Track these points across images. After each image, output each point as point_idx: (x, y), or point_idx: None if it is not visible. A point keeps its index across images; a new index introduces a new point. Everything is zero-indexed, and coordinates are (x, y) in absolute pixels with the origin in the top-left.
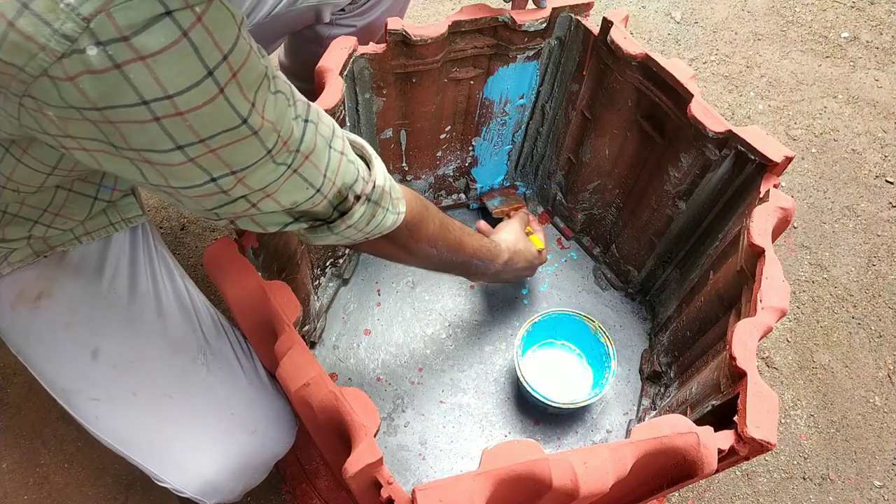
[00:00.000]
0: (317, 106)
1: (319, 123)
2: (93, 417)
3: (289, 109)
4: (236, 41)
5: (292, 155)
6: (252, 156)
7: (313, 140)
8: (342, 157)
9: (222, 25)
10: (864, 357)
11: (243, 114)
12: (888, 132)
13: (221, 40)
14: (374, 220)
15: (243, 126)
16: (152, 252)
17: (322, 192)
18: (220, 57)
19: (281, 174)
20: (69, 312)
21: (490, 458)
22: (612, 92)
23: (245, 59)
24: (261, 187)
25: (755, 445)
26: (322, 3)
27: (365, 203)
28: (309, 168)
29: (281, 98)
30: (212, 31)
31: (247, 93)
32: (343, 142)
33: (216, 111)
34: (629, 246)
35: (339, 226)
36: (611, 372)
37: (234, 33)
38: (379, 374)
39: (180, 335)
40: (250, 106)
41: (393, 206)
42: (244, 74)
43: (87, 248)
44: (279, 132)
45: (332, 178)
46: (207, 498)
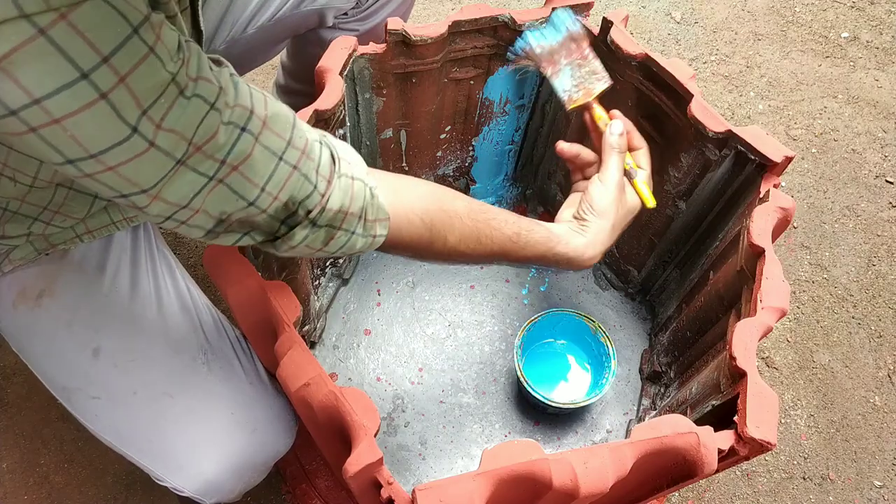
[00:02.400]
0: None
1: (264, 133)
2: (93, 416)
3: (211, 115)
4: (123, 43)
5: (216, 164)
6: (155, 170)
7: (247, 150)
8: (293, 171)
9: (99, 24)
10: (864, 357)
11: (131, 121)
12: (888, 132)
13: (98, 40)
14: (335, 241)
15: (135, 136)
16: (154, 251)
17: (258, 206)
18: (98, 59)
19: (203, 185)
20: (70, 311)
21: (490, 458)
22: (612, 92)
23: (138, 62)
24: (182, 203)
25: (755, 445)
26: (326, 7)
27: (308, 227)
28: (238, 179)
29: (196, 103)
30: (82, 31)
31: (141, 100)
32: (302, 155)
33: (98, 119)
34: (629, 246)
35: (280, 245)
36: (611, 372)
37: (122, 34)
38: (379, 374)
39: (181, 334)
40: (140, 113)
41: (364, 230)
42: (138, 80)
43: (88, 247)
44: (190, 140)
45: (273, 192)
46: (207, 497)
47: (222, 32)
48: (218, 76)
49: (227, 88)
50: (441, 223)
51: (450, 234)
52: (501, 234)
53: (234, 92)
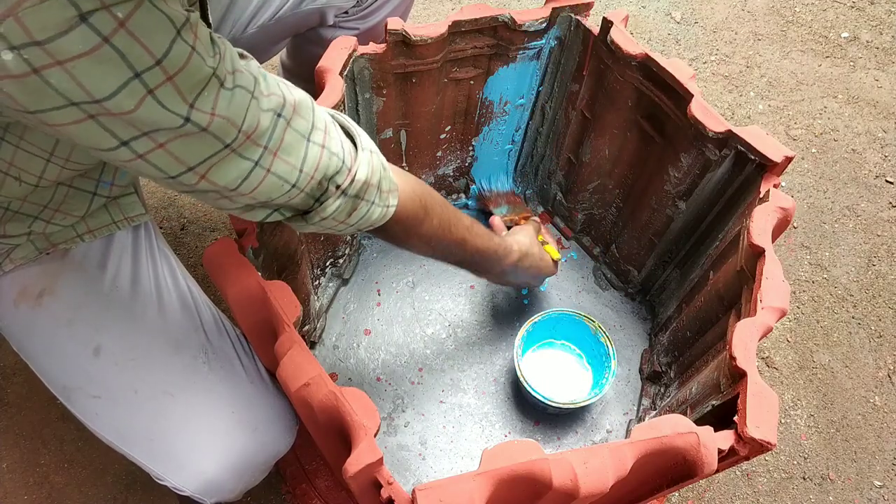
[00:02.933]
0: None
1: (294, 118)
2: (93, 415)
3: (253, 103)
4: (171, 45)
5: (260, 150)
6: (206, 150)
7: (281, 135)
8: (322, 149)
9: (152, 30)
10: (864, 357)
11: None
12: (888, 132)
13: (152, 45)
14: (357, 213)
15: (188, 124)
16: (154, 251)
17: (298, 187)
18: (152, 61)
19: (249, 170)
20: (71, 310)
21: (490, 458)
22: (612, 92)
23: (185, 62)
24: (230, 186)
25: (755, 445)
26: (326, 6)
27: (341, 197)
28: (280, 164)
29: (240, 93)
30: (139, 37)
31: (186, 95)
32: (325, 134)
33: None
34: (629, 246)
35: (313, 217)
36: (611, 372)
37: (170, 37)
38: (379, 374)
39: (182, 333)
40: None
41: (381, 199)
42: (183, 78)
43: (89, 246)
44: (239, 126)
45: (309, 172)
46: (207, 496)
47: (223, 32)
48: (249, 67)
49: (259, 78)
50: (431, 205)
51: (434, 216)
52: (461, 223)
53: (265, 81)
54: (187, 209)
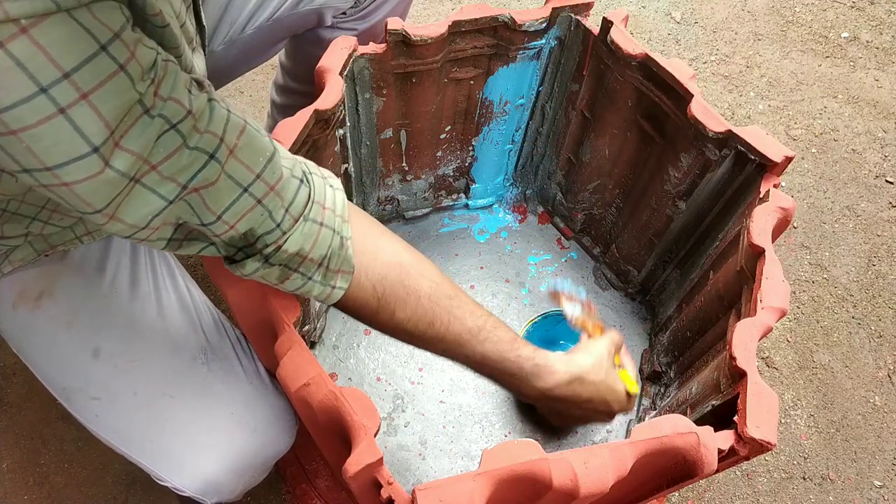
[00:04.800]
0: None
1: (230, 162)
2: (93, 416)
3: (170, 136)
4: (87, 60)
5: (178, 188)
6: (112, 189)
7: (212, 178)
8: (257, 205)
9: (63, 41)
10: (864, 357)
11: (94, 141)
12: (888, 132)
13: (60, 56)
14: (290, 282)
15: (94, 155)
16: (153, 252)
17: (211, 230)
18: (59, 74)
19: (163, 208)
20: (70, 312)
21: (490, 458)
22: (612, 92)
23: (104, 80)
24: (141, 224)
25: (755, 445)
26: (324, 7)
27: (260, 261)
28: (196, 200)
29: (158, 122)
30: (44, 46)
31: (108, 118)
32: (269, 190)
33: (56, 134)
34: (629, 246)
35: (234, 269)
36: None
37: (87, 51)
38: (379, 374)
39: (181, 334)
40: (108, 133)
41: (324, 278)
42: (102, 97)
43: (88, 248)
44: (146, 158)
45: (229, 221)
46: (207, 497)
47: (220, 33)
48: (193, 99)
49: (199, 113)
50: (393, 297)
51: (399, 309)
52: (461, 324)
53: (209, 117)
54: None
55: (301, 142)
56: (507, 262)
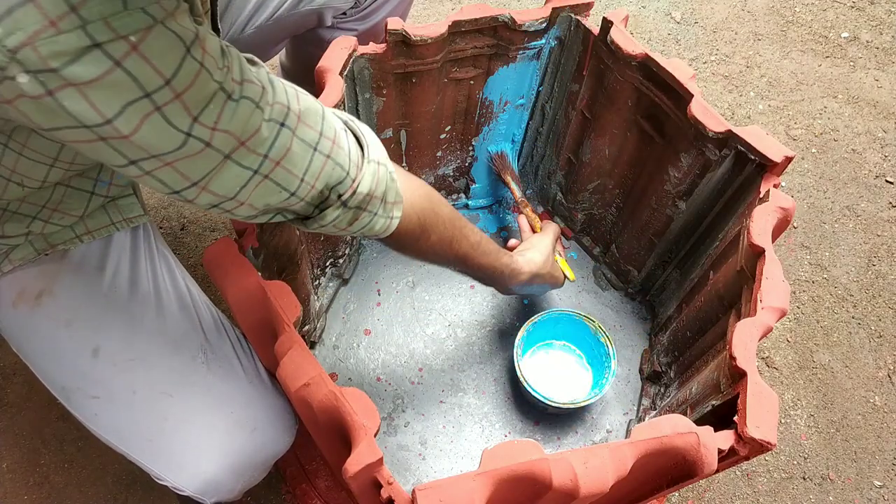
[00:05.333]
0: (306, 106)
1: (300, 127)
2: (92, 415)
3: (255, 113)
4: (180, 65)
5: (259, 159)
6: (209, 165)
7: (286, 144)
8: (327, 160)
9: (163, 52)
10: (864, 357)
11: (185, 129)
12: (888, 132)
13: (163, 66)
14: (359, 222)
15: (191, 140)
16: (153, 251)
17: (298, 196)
18: (162, 82)
19: (248, 179)
20: (70, 311)
21: (490, 458)
22: (612, 92)
23: (192, 80)
24: (229, 195)
25: (755, 445)
26: (324, 7)
27: (341, 207)
28: (281, 173)
29: (245, 105)
30: (149, 58)
31: (192, 110)
32: (332, 144)
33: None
34: (629, 246)
35: (311, 224)
36: (611, 372)
37: (180, 56)
38: (379, 374)
39: (181, 334)
40: (192, 120)
41: (385, 211)
42: (191, 94)
43: (88, 247)
44: (238, 137)
45: (311, 181)
46: (207, 496)
47: (220, 33)
48: (258, 76)
49: (267, 87)
50: (430, 223)
51: (433, 233)
52: (467, 241)
53: (272, 90)
54: (187, 209)
55: None
56: None
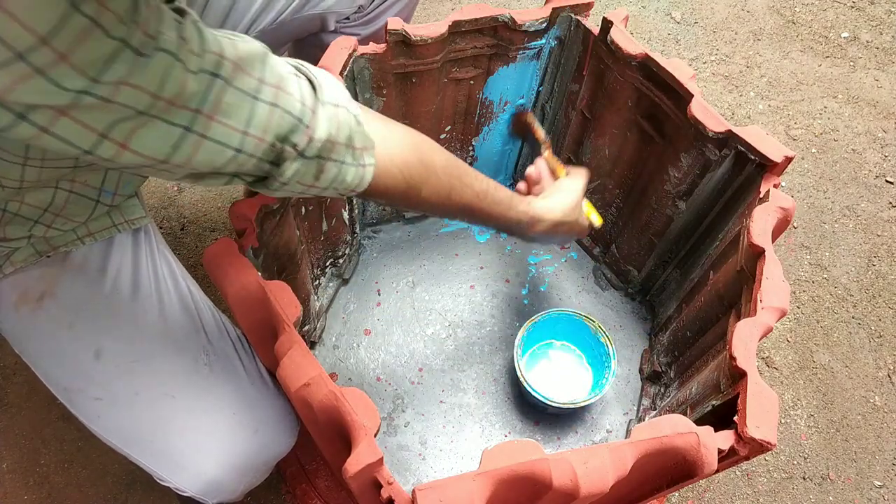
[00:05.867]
0: (245, 53)
1: (236, 76)
2: (95, 417)
3: (176, 66)
4: (62, 21)
5: (189, 114)
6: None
7: (221, 96)
8: (273, 108)
9: (36, 6)
10: (864, 357)
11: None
12: (888, 132)
13: (34, 22)
14: (326, 175)
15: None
16: (155, 253)
17: (246, 152)
18: (34, 40)
19: (180, 137)
20: (72, 312)
21: (490, 458)
22: (612, 92)
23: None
24: (160, 156)
25: (755, 445)
26: (328, 12)
27: (298, 159)
28: (219, 129)
29: (161, 58)
30: (15, 14)
31: (87, 70)
32: (277, 90)
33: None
34: (629, 246)
35: (272, 183)
36: (611, 372)
37: (60, 12)
38: (379, 374)
39: (182, 335)
40: (89, 81)
41: (354, 158)
42: (81, 55)
43: (89, 249)
44: (155, 92)
45: (257, 134)
46: (209, 497)
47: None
48: (181, 28)
49: (190, 38)
50: (418, 176)
51: (424, 187)
52: (471, 190)
53: (200, 39)
54: (187, 209)
55: None
56: (507, 262)
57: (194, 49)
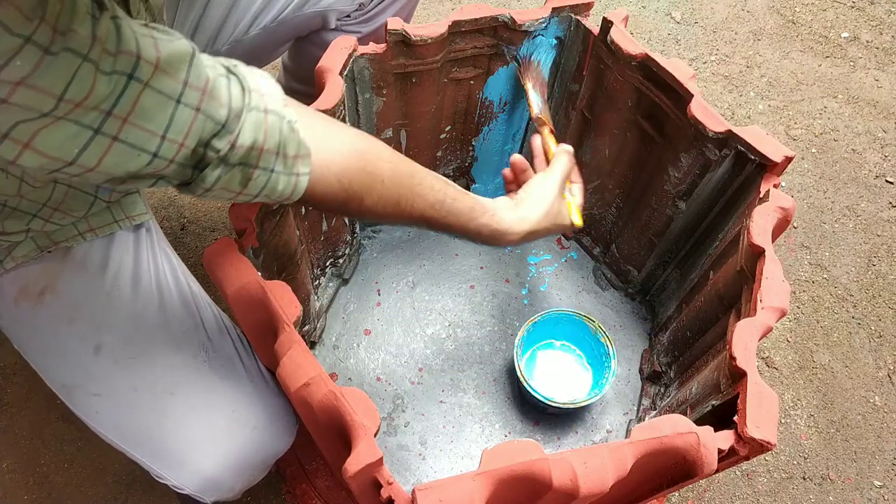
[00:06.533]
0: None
1: (156, 77)
2: (93, 413)
3: (84, 66)
4: None
5: (100, 116)
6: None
7: (134, 99)
8: (196, 114)
9: None
10: (864, 357)
11: None
12: (888, 132)
13: None
14: (254, 183)
15: None
16: (156, 250)
17: (163, 157)
18: None
19: (89, 139)
20: (72, 308)
21: (490, 458)
22: (612, 92)
23: None
24: (67, 157)
25: (755, 445)
26: (328, 9)
27: (221, 166)
28: (133, 132)
29: (65, 58)
30: None
31: None
32: (202, 94)
33: None
34: (629, 246)
35: (195, 189)
36: (611, 372)
37: None
38: (379, 374)
39: (182, 332)
40: None
41: (286, 167)
42: None
43: (90, 245)
44: (59, 94)
45: (177, 139)
46: (207, 495)
47: (225, 33)
48: (96, 25)
49: (106, 36)
50: (360, 185)
51: (367, 196)
52: (423, 200)
53: (117, 38)
54: (187, 209)
55: None
56: (507, 262)
57: (109, 48)
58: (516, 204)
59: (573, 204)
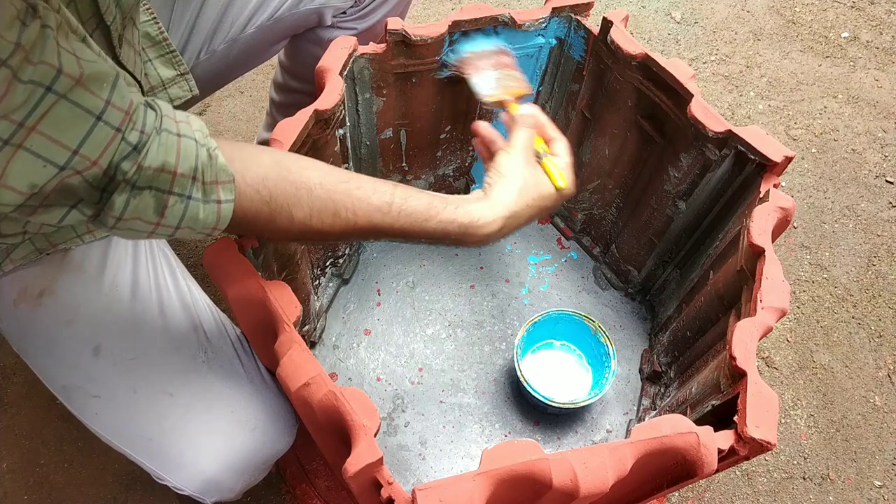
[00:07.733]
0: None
1: (76, 91)
2: (93, 414)
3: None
4: None
5: (13, 126)
6: None
7: (45, 110)
8: (116, 133)
9: None
10: (864, 357)
11: None
12: (888, 132)
13: None
14: (171, 211)
15: None
16: (154, 251)
17: (72, 167)
18: None
19: None
20: (71, 310)
21: (490, 458)
22: (612, 92)
23: None
24: None
25: (755, 445)
26: (324, 7)
27: (128, 190)
28: (40, 140)
29: None
30: None
31: None
32: (125, 116)
33: None
34: (629, 246)
35: (106, 218)
36: (611, 372)
37: None
38: (379, 374)
39: (181, 333)
40: None
41: (204, 194)
42: None
43: (89, 247)
44: None
45: (91, 156)
46: (207, 496)
47: (221, 32)
48: (24, 31)
49: (29, 44)
50: (283, 195)
51: (295, 208)
52: (368, 204)
53: (40, 49)
54: None
55: (301, 142)
56: (507, 262)
57: (31, 58)
58: (485, 191)
59: (553, 168)
